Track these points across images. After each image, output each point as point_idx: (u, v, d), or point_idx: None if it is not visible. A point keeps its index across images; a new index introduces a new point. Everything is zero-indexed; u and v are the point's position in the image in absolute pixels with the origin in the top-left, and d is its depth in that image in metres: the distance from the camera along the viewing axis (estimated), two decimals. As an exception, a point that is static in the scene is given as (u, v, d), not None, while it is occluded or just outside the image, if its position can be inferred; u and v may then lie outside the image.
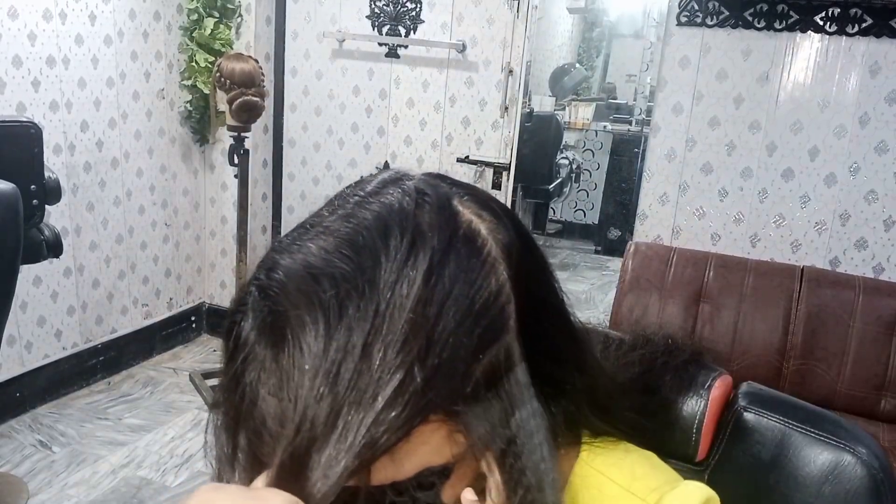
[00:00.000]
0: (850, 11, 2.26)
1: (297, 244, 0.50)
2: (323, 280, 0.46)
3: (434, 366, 0.45)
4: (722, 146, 2.48)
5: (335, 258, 0.47)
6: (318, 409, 0.44)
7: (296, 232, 0.52)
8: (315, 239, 0.49)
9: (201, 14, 2.89)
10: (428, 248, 0.47)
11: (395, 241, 0.47)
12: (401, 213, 0.49)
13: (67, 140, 2.58)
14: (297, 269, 0.48)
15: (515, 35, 2.69)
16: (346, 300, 0.45)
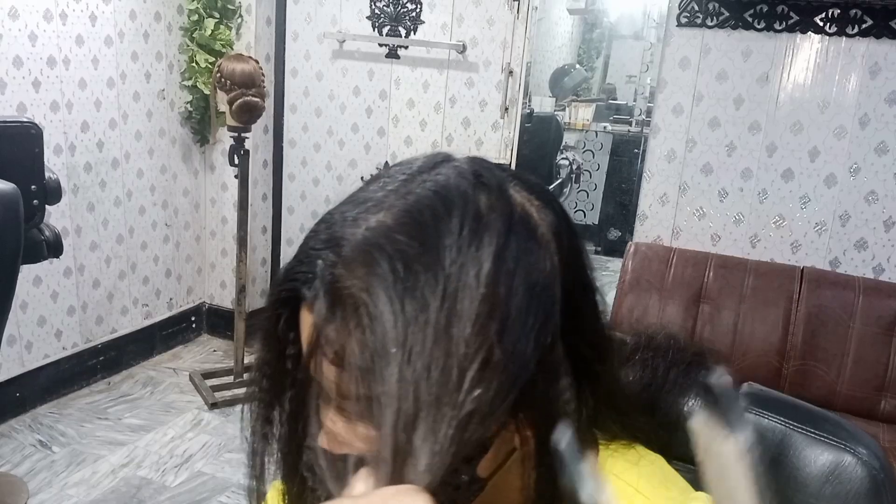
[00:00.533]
0: (850, 12, 2.26)
1: (354, 218, 0.49)
2: (391, 256, 0.46)
3: (511, 346, 0.46)
4: (722, 147, 2.48)
5: (398, 234, 0.47)
6: (412, 393, 0.43)
7: (346, 206, 0.51)
8: (372, 213, 0.49)
9: (202, 15, 2.89)
10: (493, 229, 0.47)
11: (458, 220, 0.47)
12: (460, 193, 0.49)
13: (68, 140, 2.58)
14: (362, 243, 0.47)
15: (516, 36, 2.70)
16: (415, 278, 0.45)
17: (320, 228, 0.51)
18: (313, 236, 0.51)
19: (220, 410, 2.73)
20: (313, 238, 0.50)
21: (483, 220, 0.47)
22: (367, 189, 0.52)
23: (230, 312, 3.14)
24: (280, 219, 3.30)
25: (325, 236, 0.49)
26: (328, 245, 0.49)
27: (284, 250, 3.33)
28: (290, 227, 3.30)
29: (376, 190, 0.51)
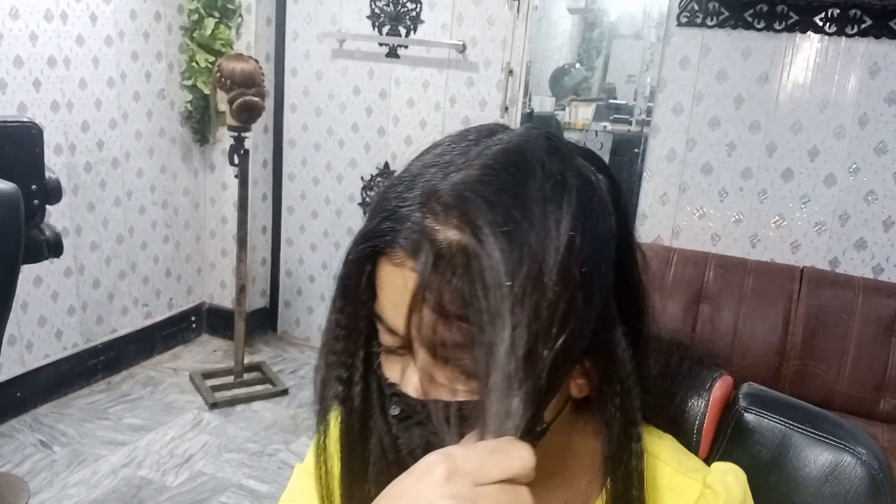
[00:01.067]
0: (850, 12, 2.26)
1: (440, 176, 0.52)
2: (491, 204, 0.49)
3: (587, 293, 0.50)
4: (722, 146, 2.48)
5: (489, 186, 0.50)
6: (519, 335, 0.46)
7: (418, 170, 0.54)
8: (454, 172, 0.52)
9: (202, 14, 2.89)
10: (571, 186, 0.51)
11: (540, 175, 0.51)
12: (538, 152, 0.52)
13: (68, 140, 2.58)
14: (458, 194, 0.50)
15: (516, 35, 2.70)
16: (515, 225, 0.48)
17: (397, 191, 0.53)
18: (394, 196, 0.53)
19: (220, 410, 2.73)
20: (395, 198, 0.53)
21: (562, 177, 0.51)
22: (428, 155, 0.55)
23: (230, 312, 3.14)
24: (280, 218, 3.31)
25: (412, 194, 0.52)
26: (422, 200, 0.51)
27: (284, 250, 3.33)
28: (289, 226, 3.30)
29: (443, 153, 0.54)
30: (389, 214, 0.52)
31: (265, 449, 2.52)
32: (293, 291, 3.36)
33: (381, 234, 0.52)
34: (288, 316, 3.39)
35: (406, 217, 0.51)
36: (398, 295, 0.51)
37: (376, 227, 0.53)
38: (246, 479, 2.36)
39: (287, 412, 2.77)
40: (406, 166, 0.56)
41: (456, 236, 0.49)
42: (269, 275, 3.39)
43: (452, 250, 0.49)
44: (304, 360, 3.20)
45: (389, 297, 0.53)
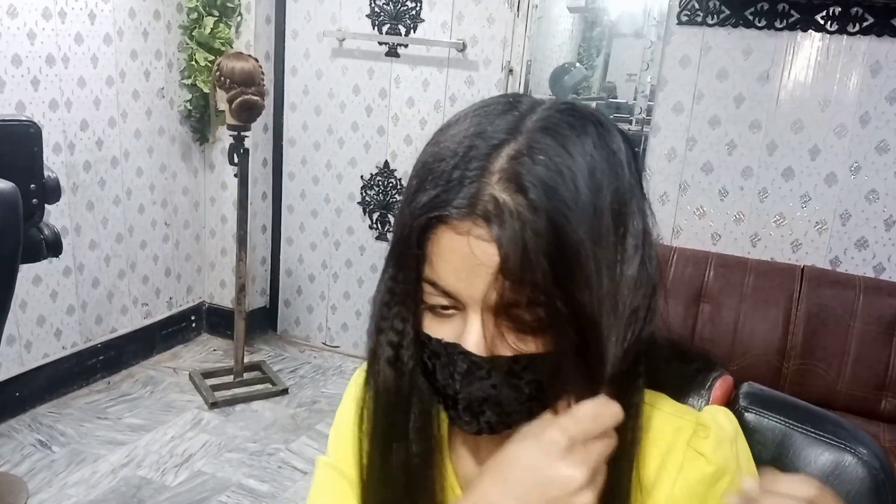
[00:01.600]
0: (851, 10, 2.26)
1: (485, 146, 0.56)
2: (550, 170, 0.55)
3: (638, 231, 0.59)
4: (722, 145, 2.48)
5: (543, 156, 0.55)
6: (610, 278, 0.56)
7: (461, 138, 0.58)
8: (504, 143, 0.56)
9: (201, 13, 2.88)
10: (616, 135, 0.60)
11: (587, 142, 0.57)
12: (580, 112, 0.59)
13: (67, 139, 2.57)
14: (522, 160, 0.55)
15: (515, 34, 2.69)
16: (575, 189, 0.55)
17: (449, 163, 0.57)
18: (450, 168, 0.57)
19: (219, 410, 2.73)
20: (452, 169, 0.56)
21: (602, 140, 0.58)
22: (463, 125, 0.59)
23: (230, 311, 3.14)
24: (280, 217, 3.30)
25: (472, 165, 0.56)
26: (482, 171, 0.56)
27: (284, 249, 3.33)
28: (289, 225, 3.29)
29: (480, 124, 0.58)
30: (451, 185, 0.56)
31: (265, 448, 2.52)
32: (293, 291, 3.35)
33: (444, 205, 0.56)
34: (288, 315, 3.39)
35: (473, 187, 0.55)
36: (462, 262, 0.56)
37: (437, 197, 0.56)
38: (246, 478, 2.35)
39: (287, 411, 2.77)
40: (436, 138, 0.60)
41: (526, 202, 0.54)
42: (269, 274, 3.38)
43: (526, 216, 0.53)
44: (304, 360, 3.20)
45: (451, 264, 0.57)
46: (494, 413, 0.59)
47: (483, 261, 0.55)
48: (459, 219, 0.56)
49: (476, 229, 0.55)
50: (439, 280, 0.58)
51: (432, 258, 0.58)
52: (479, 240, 0.55)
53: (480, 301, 0.57)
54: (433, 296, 0.59)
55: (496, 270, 0.55)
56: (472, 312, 0.58)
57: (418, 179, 0.59)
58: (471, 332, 0.58)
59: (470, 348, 0.58)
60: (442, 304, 0.59)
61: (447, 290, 0.58)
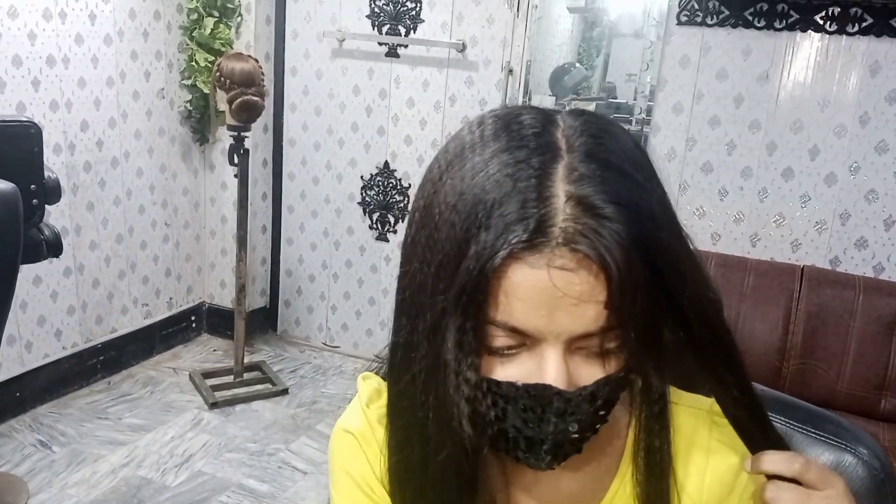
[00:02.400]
0: (851, 11, 2.26)
1: (531, 175, 0.54)
2: (611, 192, 0.53)
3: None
4: (722, 145, 2.48)
5: (601, 182, 0.54)
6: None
7: (499, 168, 0.55)
8: (553, 170, 0.54)
9: (201, 13, 2.88)
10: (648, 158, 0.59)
11: (631, 158, 0.57)
12: (619, 135, 0.58)
13: (67, 139, 2.58)
14: (583, 191, 0.53)
15: (515, 35, 2.69)
16: (639, 207, 0.54)
17: (499, 194, 0.53)
18: (504, 197, 0.53)
19: (220, 410, 2.73)
20: (506, 199, 0.53)
21: (641, 152, 0.59)
22: (484, 155, 0.56)
23: (230, 312, 3.14)
24: (280, 218, 3.30)
25: (530, 193, 0.53)
26: (543, 197, 0.53)
27: (284, 249, 3.33)
28: (289, 226, 3.29)
29: (510, 152, 0.55)
30: (512, 218, 0.52)
31: (265, 448, 2.52)
32: (293, 291, 3.35)
33: (514, 240, 0.52)
34: (288, 315, 3.39)
35: (542, 214, 0.52)
36: (541, 296, 0.52)
37: (503, 234, 0.52)
38: (246, 478, 2.35)
39: (287, 412, 2.77)
40: (452, 173, 0.56)
41: (605, 220, 0.52)
42: (269, 274, 3.38)
43: (612, 234, 0.51)
44: (304, 360, 3.20)
45: (527, 301, 0.53)
46: (574, 445, 0.58)
47: (566, 292, 0.52)
48: (534, 251, 0.52)
49: (555, 259, 0.52)
50: (511, 320, 0.54)
51: (500, 298, 0.53)
52: (560, 270, 0.52)
53: (564, 334, 0.54)
54: (499, 338, 0.55)
55: (581, 300, 0.52)
56: (551, 348, 0.54)
57: (463, 220, 0.54)
58: (554, 370, 0.55)
59: (561, 386, 0.55)
60: (508, 346, 0.56)
61: (520, 329, 0.54)
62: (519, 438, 0.58)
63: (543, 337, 0.54)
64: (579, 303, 0.52)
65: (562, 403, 0.55)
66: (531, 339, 0.55)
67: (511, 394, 0.56)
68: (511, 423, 0.57)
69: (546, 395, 0.55)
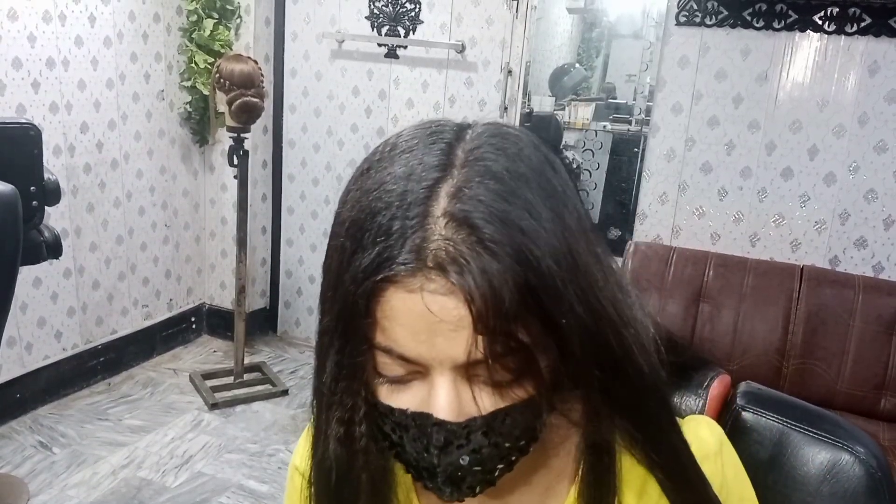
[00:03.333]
0: (849, 11, 2.26)
1: (422, 189, 0.51)
2: (498, 214, 0.50)
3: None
4: (721, 146, 2.48)
5: (489, 200, 0.51)
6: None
7: (394, 181, 0.53)
8: (442, 183, 0.52)
9: (201, 15, 2.89)
10: (554, 182, 0.56)
11: (531, 178, 0.53)
12: (521, 154, 0.55)
13: (67, 141, 2.58)
14: (464, 209, 0.50)
15: (515, 35, 2.69)
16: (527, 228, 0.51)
17: (386, 215, 0.51)
18: (387, 221, 0.51)
19: (220, 411, 2.73)
20: (390, 221, 0.51)
21: (545, 175, 0.55)
22: (394, 165, 0.54)
23: (230, 313, 3.14)
24: (280, 219, 3.30)
25: (411, 213, 0.50)
26: (424, 219, 0.50)
27: (284, 251, 3.33)
28: (289, 227, 3.30)
29: (410, 161, 0.53)
30: (391, 239, 0.50)
31: (265, 449, 2.52)
32: (293, 292, 3.35)
33: (388, 263, 0.50)
34: (288, 316, 3.39)
35: (417, 237, 0.50)
36: (419, 322, 0.50)
37: (379, 256, 0.51)
38: (246, 479, 2.36)
39: (287, 412, 2.77)
40: (359, 185, 0.55)
41: (480, 240, 0.49)
42: (269, 275, 3.39)
43: (484, 256, 0.48)
44: (304, 361, 3.20)
45: (406, 327, 0.51)
46: (477, 478, 0.54)
47: (442, 317, 0.49)
48: (409, 275, 0.50)
49: (429, 283, 0.49)
50: (395, 346, 0.52)
51: (383, 323, 0.52)
52: (434, 294, 0.49)
53: (447, 361, 0.51)
54: (389, 365, 0.53)
55: (459, 326, 0.49)
56: (438, 375, 0.52)
57: (351, 240, 0.53)
58: (440, 398, 0.52)
59: (443, 416, 0.52)
60: (399, 374, 0.54)
61: (406, 357, 0.52)
62: (419, 468, 0.55)
63: (429, 364, 0.52)
64: (457, 328, 0.49)
65: (442, 434, 0.52)
66: (421, 366, 0.52)
67: (402, 421, 0.54)
68: (409, 451, 0.55)
69: (427, 424, 0.53)
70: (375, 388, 0.55)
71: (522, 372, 0.52)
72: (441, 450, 0.53)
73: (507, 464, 0.55)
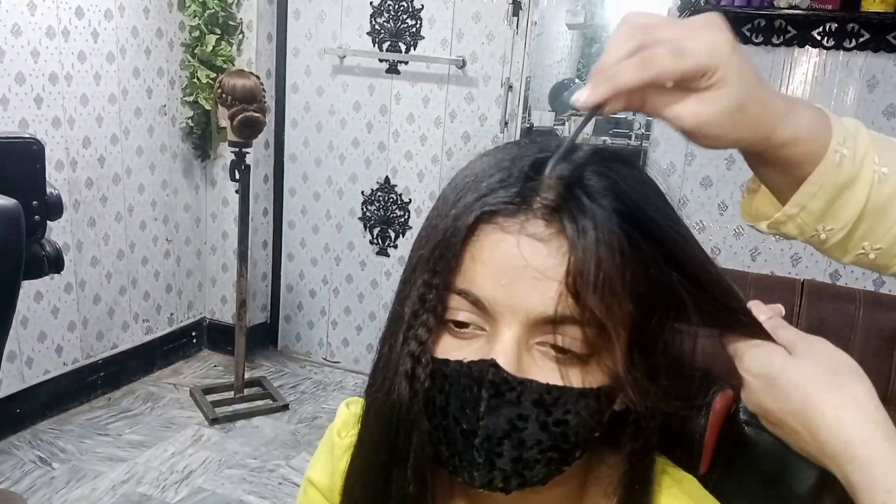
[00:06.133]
0: (848, 26, 2.27)
1: (529, 158, 0.53)
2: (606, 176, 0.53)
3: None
4: (721, 160, 2.49)
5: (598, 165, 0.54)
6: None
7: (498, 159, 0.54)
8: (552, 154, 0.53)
9: (203, 31, 2.90)
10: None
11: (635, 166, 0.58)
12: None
13: (69, 156, 2.59)
14: (576, 168, 0.52)
15: (515, 51, 2.71)
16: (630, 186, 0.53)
17: (496, 171, 0.53)
18: (500, 171, 0.52)
19: (220, 426, 2.72)
20: (502, 171, 0.52)
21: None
22: (489, 157, 0.55)
23: (231, 327, 3.14)
24: (281, 233, 3.31)
25: (527, 168, 0.52)
26: (535, 169, 0.52)
27: (285, 265, 3.33)
28: (290, 241, 3.30)
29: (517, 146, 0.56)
30: (500, 184, 0.51)
31: (265, 464, 2.51)
32: (294, 306, 3.35)
33: (493, 201, 0.50)
34: (288, 331, 3.39)
35: (529, 185, 0.50)
36: (506, 264, 0.49)
37: (485, 196, 0.51)
38: (246, 494, 2.34)
39: (287, 427, 2.76)
40: (461, 171, 0.56)
41: (593, 199, 0.50)
42: (270, 290, 3.39)
43: (598, 212, 0.49)
44: (305, 375, 3.19)
45: (491, 267, 0.50)
46: (512, 458, 0.51)
47: (531, 262, 0.49)
48: (510, 214, 0.50)
49: (528, 227, 0.49)
50: (473, 287, 0.51)
51: (468, 263, 0.51)
52: (531, 238, 0.49)
53: (521, 312, 0.50)
54: (458, 310, 0.52)
55: (545, 276, 0.49)
56: (506, 327, 0.50)
57: (456, 192, 0.53)
58: (504, 347, 0.50)
59: (502, 364, 0.50)
60: (465, 321, 0.52)
61: (480, 299, 0.51)
62: (455, 437, 0.52)
63: (501, 313, 0.50)
64: (542, 277, 0.49)
65: (498, 377, 0.50)
66: (490, 317, 0.51)
67: (455, 372, 0.52)
68: (452, 411, 0.52)
69: (483, 367, 0.50)
70: (438, 340, 0.53)
71: (594, 354, 0.51)
72: (491, 398, 0.50)
73: (547, 463, 0.52)
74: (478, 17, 2.76)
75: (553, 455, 0.52)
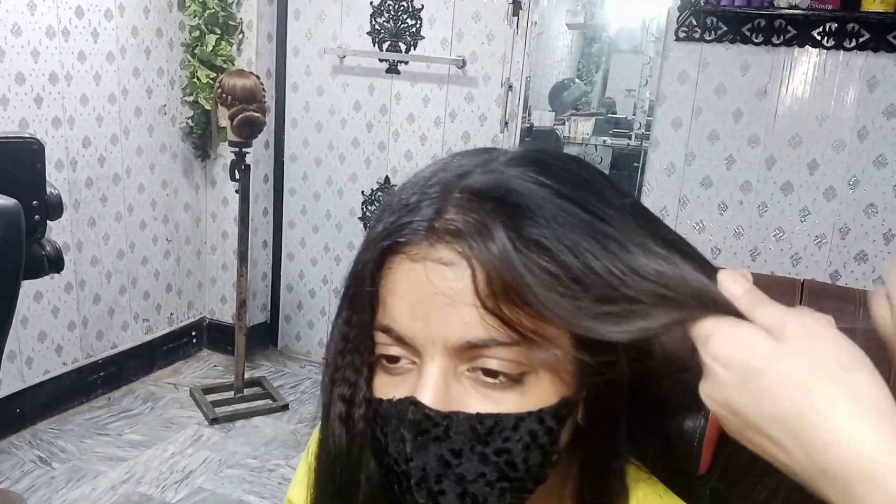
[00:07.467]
0: (848, 26, 2.27)
1: (450, 177, 0.50)
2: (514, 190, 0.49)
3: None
4: (721, 160, 2.49)
5: (509, 179, 0.49)
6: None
7: (427, 175, 0.52)
8: (469, 174, 0.50)
9: (203, 31, 2.90)
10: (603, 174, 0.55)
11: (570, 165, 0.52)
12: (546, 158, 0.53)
13: (69, 156, 2.59)
14: (484, 184, 0.49)
15: (515, 51, 2.71)
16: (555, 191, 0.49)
17: (407, 191, 0.51)
18: (407, 196, 0.50)
19: (220, 426, 2.72)
20: (409, 196, 0.50)
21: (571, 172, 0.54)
22: (427, 170, 0.53)
23: (231, 327, 3.14)
24: (281, 233, 3.31)
25: (431, 190, 0.49)
26: (444, 193, 0.49)
27: (285, 265, 3.33)
28: (290, 241, 3.30)
29: (446, 164, 0.53)
30: (407, 210, 0.49)
31: (265, 464, 2.51)
32: (294, 306, 3.35)
33: (398, 230, 0.48)
34: (288, 331, 3.39)
35: (431, 209, 0.48)
36: (418, 294, 0.48)
37: (392, 224, 0.49)
38: (246, 494, 2.34)
39: (287, 427, 2.76)
40: (402, 184, 0.54)
41: (491, 208, 0.46)
42: (270, 289, 3.39)
43: (493, 224, 0.46)
44: (305, 375, 3.19)
45: (405, 299, 0.48)
46: (457, 493, 0.48)
47: (440, 288, 0.46)
48: (415, 243, 0.48)
49: (433, 252, 0.47)
50: (393, 323, 0.49)
51: (386, 298, 0.50)
52: (436, 264, 0.47)
53: (439, 342, 0.48)
54: (385, 345, 0.50)
55: (456, 300, 0.46)
56: (429, 359, 0.48)
57: (376, 218, 0.52)
58: (426, 382, 0.48)
59: (424, 400, 0.48)
60: (394, 356, 0.50)
61: (401, 335, 0.49)
62: (398, 474, 0.50)
63: (422, 345, 0.48)
64: (453, 303, 0.46)
65: (419, 415, 0.48)
66: (415, 350, 0.49)
67: (385, 412, 0.50)
68: (390, 450, 0.50)
69: (403, 407, 0.49)
70: (374, 379, 0.52)
71: (530, 372, 0.48)
72: (416, 437, 0.48)
73: (500, 495, 0.49)
74: (478, 16, 2.76)
75: (504, 485, 0.49)
